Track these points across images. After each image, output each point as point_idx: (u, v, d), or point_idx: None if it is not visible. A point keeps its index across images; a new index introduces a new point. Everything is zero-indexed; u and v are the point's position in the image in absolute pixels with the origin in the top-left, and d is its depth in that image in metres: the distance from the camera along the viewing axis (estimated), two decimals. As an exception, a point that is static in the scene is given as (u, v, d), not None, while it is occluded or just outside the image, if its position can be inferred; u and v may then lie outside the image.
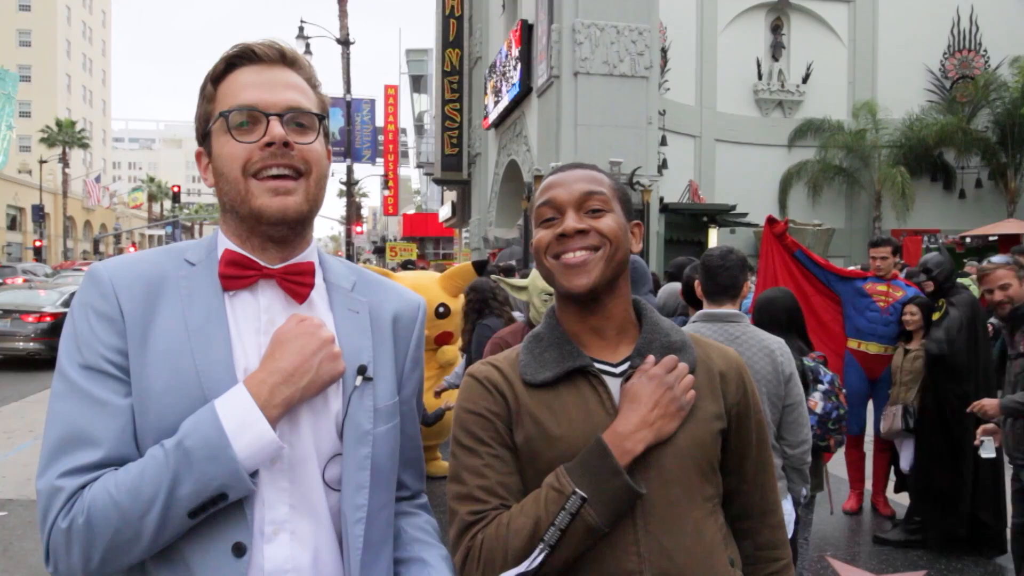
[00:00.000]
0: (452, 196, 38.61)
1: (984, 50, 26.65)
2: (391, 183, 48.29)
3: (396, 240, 38.30)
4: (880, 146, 25.79)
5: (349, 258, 19.45)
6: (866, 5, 26.72)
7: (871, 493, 6.07)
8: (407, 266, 18.96)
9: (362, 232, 40.81)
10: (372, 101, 45.97)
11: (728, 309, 3.30)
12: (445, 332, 6.45)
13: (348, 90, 30.19)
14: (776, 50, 26.88)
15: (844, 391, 4.09)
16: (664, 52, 22.91)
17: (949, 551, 5.10)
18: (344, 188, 33.11)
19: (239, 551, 1.20)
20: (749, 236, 24.73)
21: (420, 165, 47.60)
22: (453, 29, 33.19)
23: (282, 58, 1.34)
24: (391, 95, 47.06)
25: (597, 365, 1.49)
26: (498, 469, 1.43)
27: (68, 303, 10.44)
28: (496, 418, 1.47)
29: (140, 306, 1.23)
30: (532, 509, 1.38)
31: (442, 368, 6.54)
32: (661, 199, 20.58)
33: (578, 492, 1.31)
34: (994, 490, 5.02)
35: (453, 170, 33.76)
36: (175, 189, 51.99)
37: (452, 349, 6.58)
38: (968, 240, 20.66)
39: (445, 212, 41.59)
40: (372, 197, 74.81)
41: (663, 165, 21.65)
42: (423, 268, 17.58)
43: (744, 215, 22.76)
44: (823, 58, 26.76)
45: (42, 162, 51.40)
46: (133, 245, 66.02)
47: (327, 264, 1.42)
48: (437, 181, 38.14)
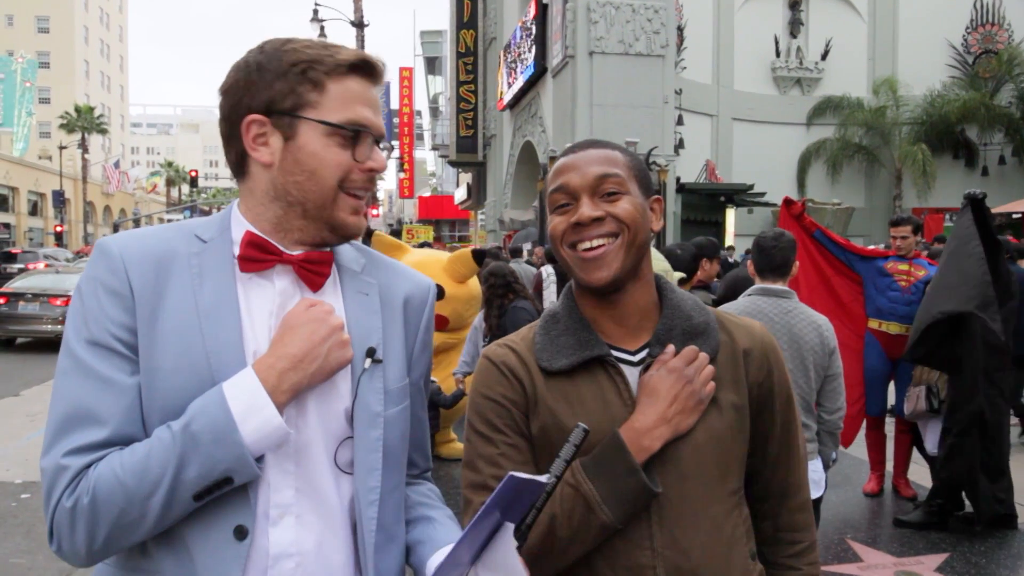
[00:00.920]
0: (467, 178, 38.56)
1: (1008, 24, 26.19)
2: (406, 165, 48.27)
3: (412, 223, 38.36)
4: (901, 123, 25.48)
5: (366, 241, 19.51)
6: (887, -21, 26.34)
7: (891, 475, 6.02)
8: (422, 246, 18.98)
9: (378, 215, 40.94)
10: (387, 83, 45.79)
11: (781, 286, 3.61)
12: (439, 316, 6.42)
13: (363, 73, 30.11)
14: (794, 27, 26.55)
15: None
16: (680, 30, 22.68)
17: (972, 533, 5.06)
18: (360, 171, 33.11)
19: (241, 534, 1.19)
20: (767, 216, 24.55)
21: (435, 147, 47.60)
22: (467, 10, 33.03)
23: (381, 79, 1.37)
24: (406, 77, 46.96)
25: (615, 353, 1.44)
26: (513, 459, 1.40)
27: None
28: (513, 405, 1.43)
29: (150, 283, 1.21)
30: (547, 505, 1.36)
31: (444, 352, 6.49)
32: (678, 179, 20.44)
33: (581, 425, 1.27)
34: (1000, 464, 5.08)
35: (468, 152, 33.71)
36: (193, 174, 52.19)
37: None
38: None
39: (461, 194, 41.55)
40: (388, 180, 74.78)
41: (679, 145, 21.50)
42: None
43: (762, 195, 22.58)
44: (842, 34, 26.41)
45: (61, 148, 51.79)
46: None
47: (337, 248, 1.41)
48: (452, 163, 38.13)
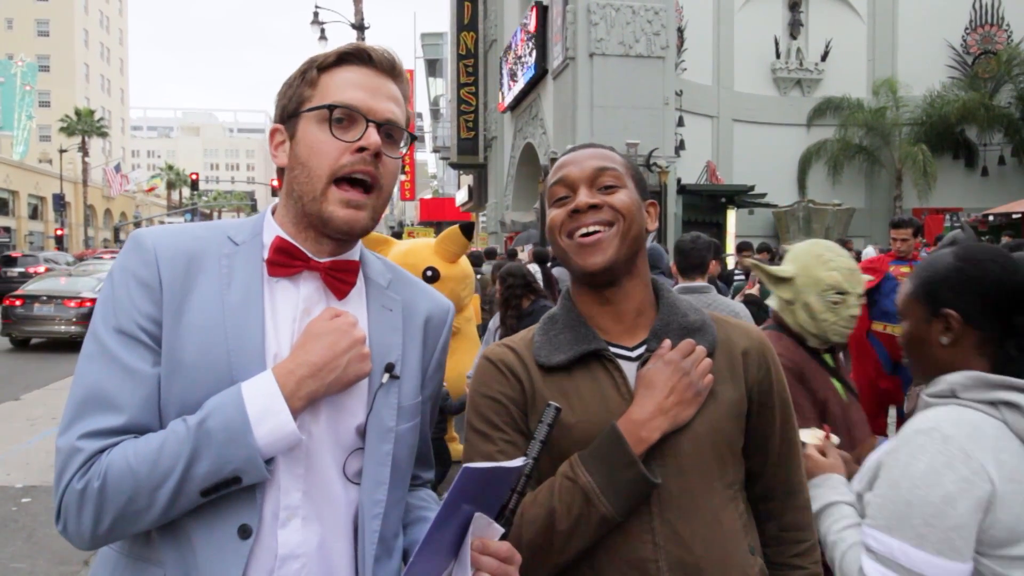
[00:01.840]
0: (468, 180, 38.53)
1: (1007, 24, 26.16)
2: (407, 168, 48.21)
3: (413, 225, 38.32)
4: (901, 124, 25.44)
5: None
6: (886, -20, 26.32)
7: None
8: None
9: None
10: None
11: (700, 282, 4.04)
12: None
13: (363, 75, 30.09)
14: (794, 28, 26.53)
15: None
16: (680, 32, 22.67)
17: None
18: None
19: (244, 533, 1.21)
20: (767, 217, 24.53)
21: (436, 149, 47.51)
22: (468, 12, 33.00)
23: (392, 69, 1.37)
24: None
25: (613, 349, 1.46)
26: (511, 456, 1.40)
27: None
28: (511, 403, 1.45)
29: (180, 278, 1.24)
30: (546, 499, 1.37)
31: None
32: (678, 180, 20.41)
33: (551, 403, 1.28)
34: None
35: (469, 154, 33.67)
36: (193, 177, 52.20)
37: None
38: (991, 218, 20.35)
39: (462, 196, 41.51)
40: (389, 182, 74.77)
41: (680, 146, 21.48)
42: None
43: (763, 196, 22.55)
44: (842, 35, 26.39)
45: (62, 151, 51.81)
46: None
47: (366, 260, 1.44)
48: (453, 165, 38.08)
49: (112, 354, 1.20)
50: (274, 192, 1.36)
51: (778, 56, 26.45)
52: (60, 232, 48.25)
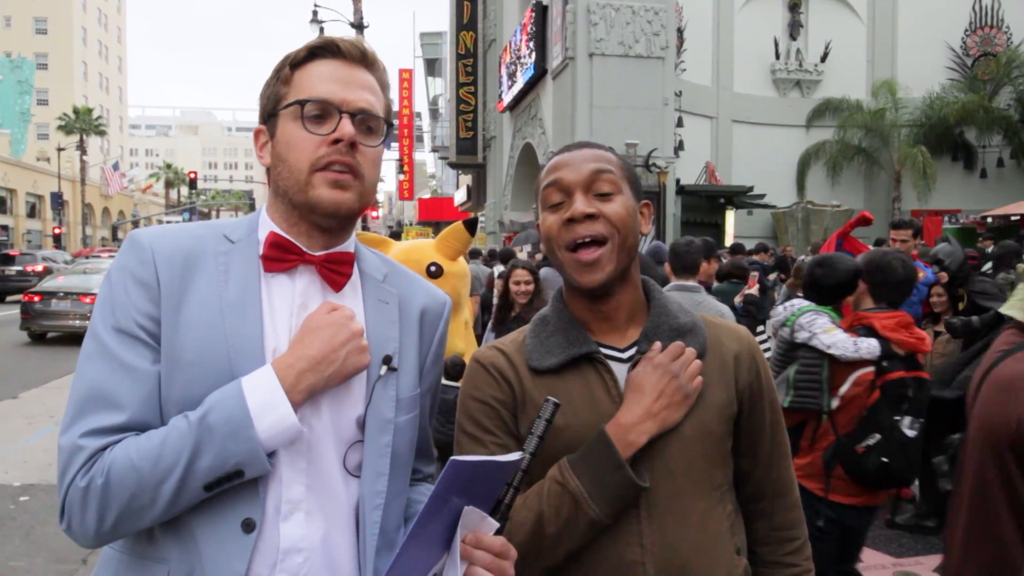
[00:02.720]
0: (467, 180, 38.54)
1: (1007, 27, 26.20)
2: (406, 167, 48.20)
3: (412, 224, 38.33)
4: (900, 125, 25.46)
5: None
6: (886, -18, 26.34)
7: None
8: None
9: (378, 217, 40.91)
10: (389, 85, 45.73)
11: (691, 282, 4.30)
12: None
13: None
14: (794, 29, 26.56)
15: None
16: (680, 32, 22.69)
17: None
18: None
19: (248, 527, 1.21)
20: (766, 218, 24.56)
21: (435, 149, 47.55)
22: (467, 11, 33.02)
23: (363, 58, 1.38)
24: (405, 79, 46.90)
25: (604, 351, 1.46)
26: None
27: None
28: (501, 406, 1.45)
29: (177, 276, 1.26)
30: (535, 503, 1.37)
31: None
32: (677, 181, 20.44)
33: (550, 399, 1.28)
34: None
35: (468, 154, 33.68)
36: (192, 175, 52.18)
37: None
38: (989, 220, 20.38)
39: (460, 196, 41.52)
40: (387, 181, 74.80)
41: (679, 147, 21.49)
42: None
43: (761, 196, 22.59)
44: (842, 36, 26.42)
45: (60, 150, 51.78)
46: (151, 231, 66.29)
47: (361, 254, 1.45)
48: (452, 165, 38.09)
49: (112, 353, 1.21)
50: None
51: (777, 57, 26.47)
52: (58, 231, 48.20)
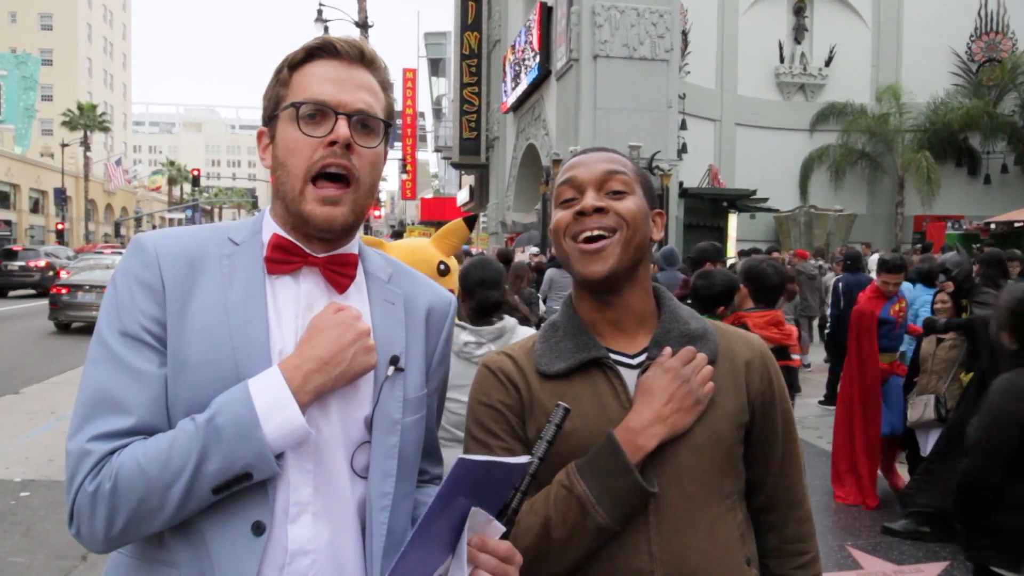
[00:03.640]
0: (470, 180, 38.56)
1: (1012, 32, 26.18)
2: (409, 167, 48.25)
3: (414, 224, 38.32)
4: (904, 130, 25.46)
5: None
6: (891, -13, 26.32)
7: (881, 476, 6.11)
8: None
9: (380, 216, 40.87)
10: (391, 85, 45.83)
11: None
12: (448, 290, 6.47)
13: (366, 74, 30.12)
14: (799, 32, 26.54)
15: None
16: (685, 35, 22.68)
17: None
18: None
19: (258, 530, 1.21)
20: (769, 221, 24.54)
21: (438, 149, 47.58)
22: (472, 12, 33.03)
23: (361, 58, 1.36)
24: (409, 79, 46.95)
25: (613, 356, 1.45)
26: None
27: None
28: (509, 411, 1.44)
29: (182, 279, 1.25)
30: (542, 508, 1.36)
31: None
32: (680, 184, 20.42)
33: (561, 404, 1.26)
34: None
35: (471, 154, 33.69)
36: (195, 173, 52.17)
37: None
38: (993, 226, 20.34)
39: (463, 196, 41.53)
40: (390, 181, 74.84)
41: (683, 149, 21.49)
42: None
43: (764, 200, 22.56)
44: (847, 41, 26.40)
45: (64, 145, 51.77)
46: (153, 227, 66.50)
47: (366, 255, 1.44)
48: (455, 165, 38.10)
49: (118, 357, 1.21)
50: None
51: (782, 60, 26.46)
52: (61, 226, 48.20)
